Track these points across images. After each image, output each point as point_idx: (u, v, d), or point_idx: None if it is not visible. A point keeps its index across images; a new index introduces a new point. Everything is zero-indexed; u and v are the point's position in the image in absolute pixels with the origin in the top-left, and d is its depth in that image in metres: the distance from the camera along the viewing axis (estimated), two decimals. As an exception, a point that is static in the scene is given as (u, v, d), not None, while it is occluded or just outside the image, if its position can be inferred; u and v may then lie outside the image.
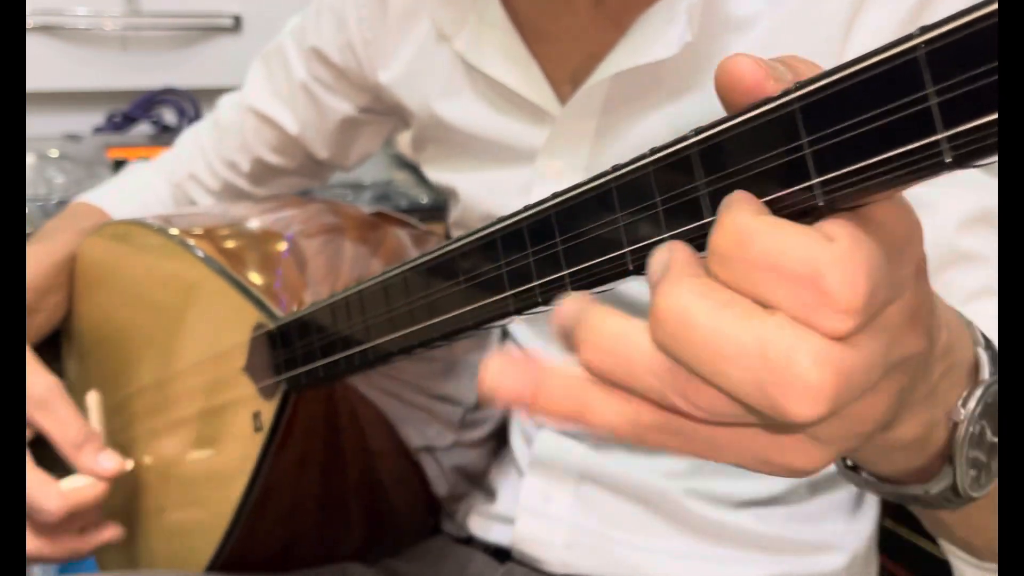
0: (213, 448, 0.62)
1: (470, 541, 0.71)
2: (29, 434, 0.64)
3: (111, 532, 0.66)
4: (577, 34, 0.61)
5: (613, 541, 0.66)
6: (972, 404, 0.35)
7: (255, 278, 0.59)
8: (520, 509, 0.68)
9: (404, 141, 1.22)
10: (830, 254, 0.24)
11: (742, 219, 0.26)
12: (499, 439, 0.72)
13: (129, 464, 0.66)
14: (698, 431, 0.27)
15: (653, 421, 0.27)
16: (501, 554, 0.69)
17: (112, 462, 0.64)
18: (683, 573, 0.65)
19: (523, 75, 0.62)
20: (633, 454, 0.65)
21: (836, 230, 0.25)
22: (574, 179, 0.61)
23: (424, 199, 1.15)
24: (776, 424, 0.27)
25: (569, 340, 0.28)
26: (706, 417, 0.27)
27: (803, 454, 0.28)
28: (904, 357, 0.28)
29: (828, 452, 0.28)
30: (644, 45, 0.56)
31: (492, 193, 0.67)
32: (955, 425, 0.35)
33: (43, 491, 0.61)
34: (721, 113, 0.57)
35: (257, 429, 0.56)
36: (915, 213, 0.28)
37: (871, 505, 0.69)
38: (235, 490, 0.58)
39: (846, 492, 0.67)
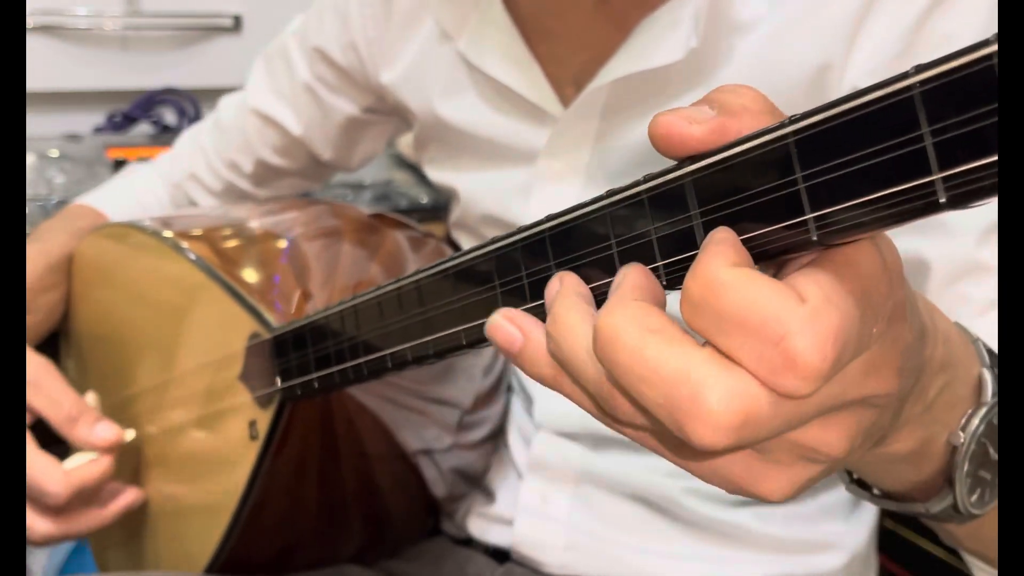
0: (209, 454, 0.62)
1: (469, 542, 0.71)
2: (28, 418, 0.62)
3: (132, 495, 0.65)
4: (579, 35, 0.61)
5: (612, 542, 0.66)
6: (974, 424, 0.36)
7: (252, 285, 0.59)
8: (519, 510, 0.68)
9: (404, 141, 1.22)
10: (800, 317, 0.24)
11: (714, 269, 0.26)
12: (497, 440, 0.72)
13: (129, 434, 0.64)
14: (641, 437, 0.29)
15: (595, 412, 0.30)
16: (500, 555, 0.69)
17: (109, 431, 0.62)
18: (682, 574, 0.65)
19: (524, 76, 0.62)
20: (632, 454, 0.65)
21: (808, 288, 0.25)
22: (574, 181, 0.62)
23: (424, 199, 1.14)
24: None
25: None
26: (627, 423, 0.28)
27: (767, 479, 0.28)
28: (864, 396, 0.28)
29: (790, 477, 0.28)
30: (647, 50, 0.56)
31: (492, 193, 0.67)
32: (954, 447, 0.36)
33: (47, 474, 0.60)
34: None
35: (253, 437, 0.56)
36: (894, 250, 0.28)
37: (870, 506, 0.69)
38: (232, 496, 0.58)
39: (845, 492, 0.67)
